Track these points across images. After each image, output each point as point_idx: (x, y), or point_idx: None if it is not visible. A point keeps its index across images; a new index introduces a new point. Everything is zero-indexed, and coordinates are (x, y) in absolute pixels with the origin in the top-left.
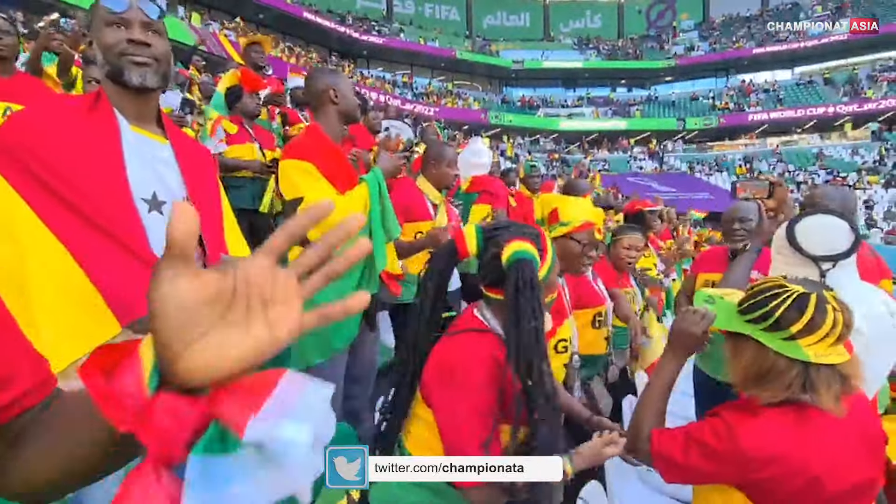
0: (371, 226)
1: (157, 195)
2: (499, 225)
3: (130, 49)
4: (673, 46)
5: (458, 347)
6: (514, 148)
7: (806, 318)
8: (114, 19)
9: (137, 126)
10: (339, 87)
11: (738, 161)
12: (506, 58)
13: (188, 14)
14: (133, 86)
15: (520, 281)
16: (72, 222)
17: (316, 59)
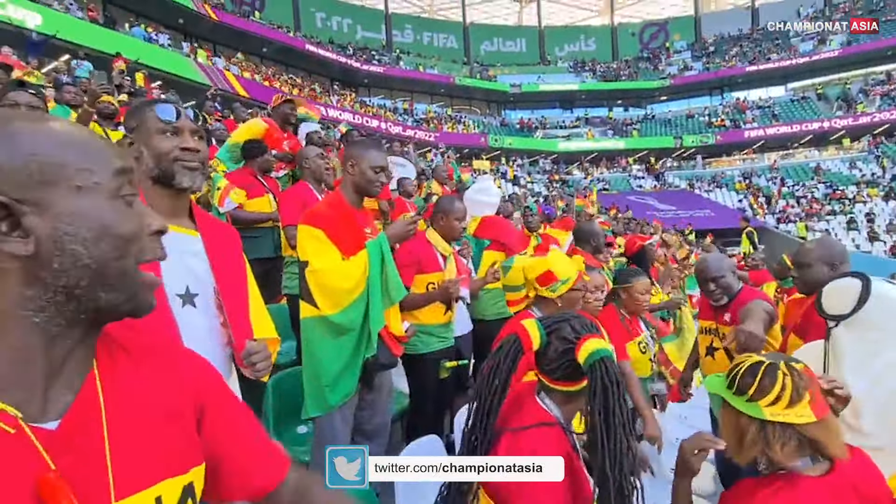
0: (369, 290)
1: (189, 289)
2: (557, 318)
3: (183, 155)
4: (667, 67)
5: (530, 446)
6: (514, 170)
7: (756, 383)
8: (167, 128)
9: (170, 223)
10: (359, 162)
11: (738, 177)
12: (503, 82)
13: (193, 50)
14: (182, 188)
15: (606, 380)
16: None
17: (319, 89)
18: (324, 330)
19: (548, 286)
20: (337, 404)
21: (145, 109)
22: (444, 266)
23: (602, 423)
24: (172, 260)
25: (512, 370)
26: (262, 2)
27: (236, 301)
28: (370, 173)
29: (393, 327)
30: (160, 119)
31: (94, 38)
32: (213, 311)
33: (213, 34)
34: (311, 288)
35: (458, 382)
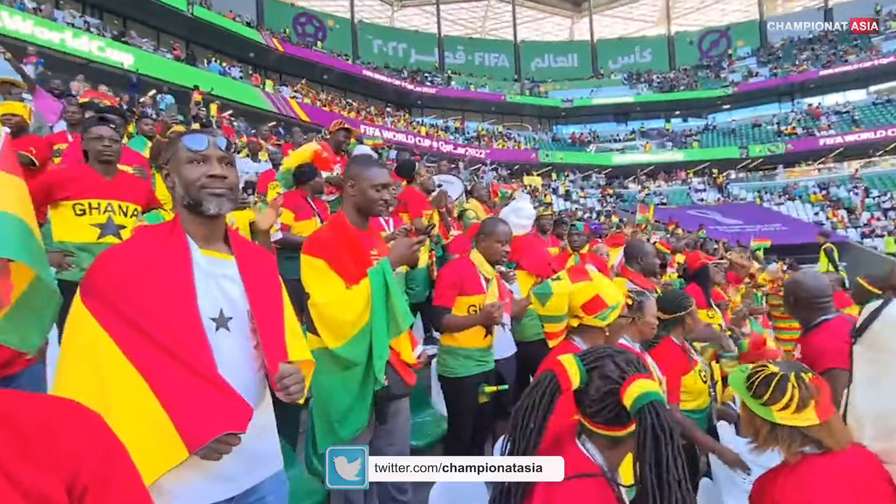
0: (372, 320)
1: (223, 312)
2: (598, 353)
3: (210, 182)
4: (729, 74)
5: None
6: (566, 185)
7: (770, 391)
8: (195, 157)
9: (207, 248)
10: (359, 181)
11: (812, 188)
12: (554, 98)
13: (262, 81)
14: (210, 214)
15: (657, 429)
16: (147, 349)
17: (374, 111)
18: (329, 363)
19: (597, 314)
20: (348, 438)
21: (177, 141)
22: (486, 289)
23: (654, 478)
24: (207, 284)
25: (548, 412)
26: (324, 33)
27: (271, 324)
28: (371, 192)
29: (405, 355)
30: (189, 149)
31: (176, 74)
32: (246, 335)
33: (280, 65)
34: (315, 320)
35: (500, 407)
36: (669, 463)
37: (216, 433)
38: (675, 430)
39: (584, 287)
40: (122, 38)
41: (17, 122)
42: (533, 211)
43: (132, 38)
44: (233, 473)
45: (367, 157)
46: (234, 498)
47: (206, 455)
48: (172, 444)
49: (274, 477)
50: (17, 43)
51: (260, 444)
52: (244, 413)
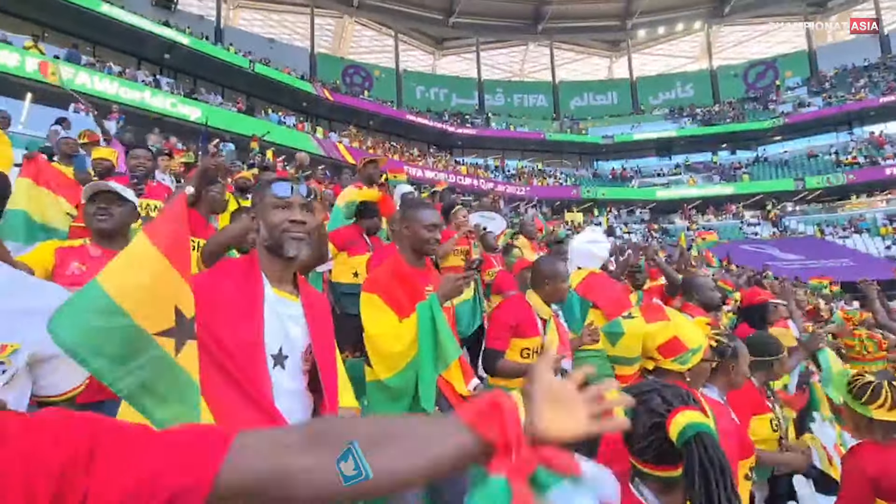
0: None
1: (282, 350)
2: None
3: (292, 227)
4: (779, 105)
5: None
6: (609, 219)
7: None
8: (280, 203)
9: (278, 287)
10: (412, 223)
11: (882, 220)
12: (595, 134)
13: (313, 128)
14: (289, 257)
15: (706, 463)
16: (216, 375)
17: (417, 153)
18: (381, 393)
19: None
20: None
21: (266, 187)
22: (542, 331)
23: None
24: (273, 321)
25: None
26: (370, 82)
27: (329, 366)
28: (424, 232)
29: (458, 387)
30: (275, 195)
31: (238, 125)
32: (299, 375)
33: (330, 113)
34: (369, 353)
35: None
36: (721, 499)
37: None
38: (726, 465)
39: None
40: (192, 94)
41: (107, 166)
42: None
43: (201, 94)
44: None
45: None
46: None
47: None
48: None
49: None
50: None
51: None
52: None
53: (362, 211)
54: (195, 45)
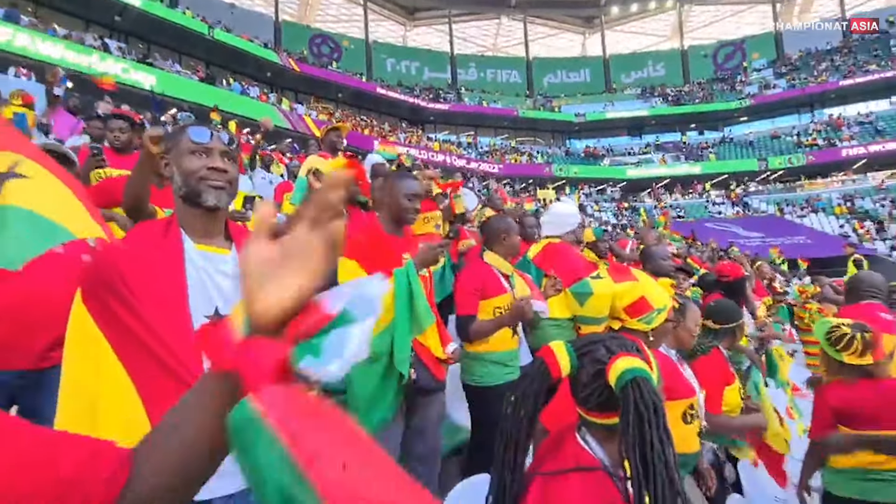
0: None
1: (219, 310)
2: (591, 339)
3: (210, 175)
4: (745, 87)
5: (564, 496)
6: (580, 198)
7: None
8: (197, 149)
9: (202, 242)
10: (394, 192)
11: (837, 200)
12: (567, 112)
13: (279, 99)
14: (208, 206)
15: (640, 405)
16: (138, 355)
17: (388, 128)
18: None
19: (641, 317)
20: (373, 428)
21: (181, 132)
22: (508, 287)
23: (638, 459)
24: (200, 280)
25: (539, 399)
26: (339, 53)
27: None
28: (404, 201)
29: (435, 350)
30: (192, 140)
31: (197, 94)
32: None
33: (296, 84)
34: None
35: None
36: (654, 441)
37: None
38: (660, 407)
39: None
40: (146, 60)
41: None
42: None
43: (156, 60)
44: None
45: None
46: (234, 495)
47: None
48: None
49: None
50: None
51: None
52: None
53: None
54: (148, 8)
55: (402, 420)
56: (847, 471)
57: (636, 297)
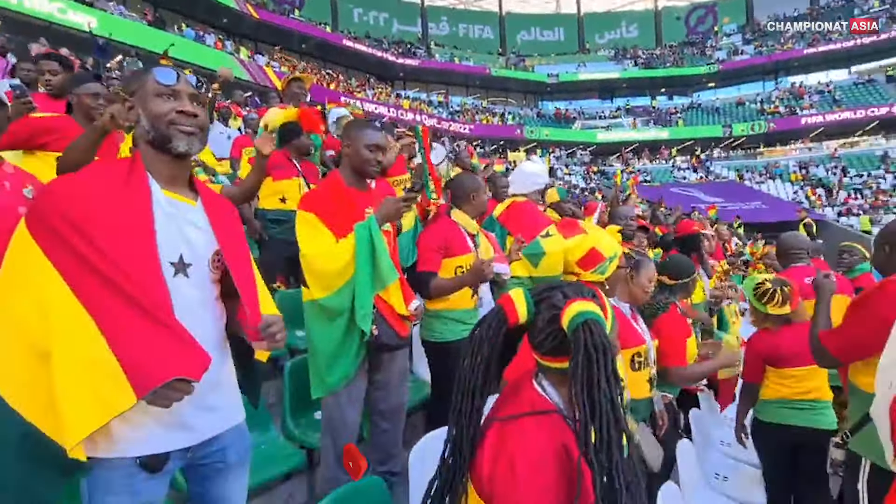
0: (357, 274)
1: (183, 258)
2: (549, 286)
3: (180, 119)
4: (715, 52)
5: (519, 438)
6: (550, 161)
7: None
8: (164, 91)
9: (169, 189)
10: (354, 141)
11: (793, 167)
12: (540, 72)
13: (236, 48)
14: (178, 153)
15: (589, 346)
16: (100, 290)
17: (356, 83)
18: (317, 314)
19: (594, 268)
20: (336, 386)
21: (146, 74)
22: (473, 247)
23: (585, 397)
24: (167, 226)
25: (495, 344)
26: (301, 0)
27: (244, 273)
28: (365, 152)
29: (397, 307)
30: (158, 82)
31: (145, 39)
32: (207, 285)
33: (255, 32)
34: (305, 272)
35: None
36: (601, 381)
37: (165, 378)
38: (609, 349)
39: (579, 241)
40: None
41: None
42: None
43: None
44: (190, 422)
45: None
46: (192, 448)
47: (154, 401)
48: (120, 388)
49: (235, 429)
50: None
51: (219, 397)
52: (200, 360)
53: (285, 132)
54: None
55: (364, 377)
56: (772, 402)
57: (587, 249)
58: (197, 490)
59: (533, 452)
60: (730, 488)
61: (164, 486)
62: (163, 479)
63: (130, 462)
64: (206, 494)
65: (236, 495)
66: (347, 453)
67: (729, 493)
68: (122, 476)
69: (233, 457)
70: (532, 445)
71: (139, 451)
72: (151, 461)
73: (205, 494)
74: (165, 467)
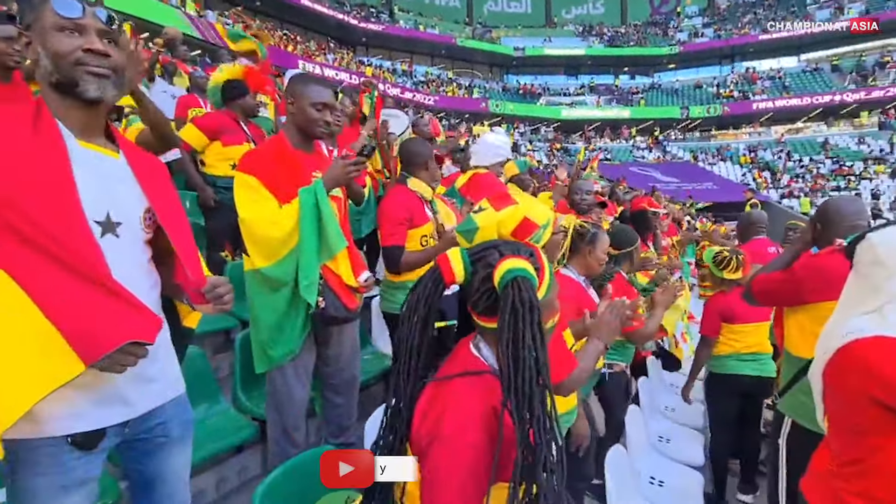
0: (302, 243)
1: (111, 216)
2: (488, 245)
3: (88, 59)
4: (677, 33)
5: (450, 398)
6: (514, 136)
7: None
8: (67, 25)
9: (85, 141)
10: (299, 99)
11: (743, 150)
12: (507, 45)
13: (181, 1)
14: (89, 98)
15: (516, 302)
16: (25, 256)
17: (314, 47)
18: (259, 284)
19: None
20: (280, 360)
21: (42, 4)
22: (431, 214)
23: (510, 354)
24: (88, 181)
25: (433, 305)
26: None
27: (179, 230)
28: (312, 111)
29: (346, 278)
30: (57, 13)
31: None
32: (139, 246)
33: None
34: (245, 239)
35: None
36: (526, 337)
37: (118, 342)
38: (536, 305)
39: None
40: None
41: None
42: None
43: None
44: (126, 396)
45: (308, 74)
46: (130, 422)
47: (107, 368)
48: (63, 358)
49: (175, 401)
50: None
51: (158, 368)
52: (152, 322)
53: (227, 91)
54: None
55: (312, 350)
56: (725, 356)
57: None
58: (136, 467)
59: (461, 411)
60: (672, 450)
61: (100, 463)
62: (98, 457)
63: (61, 440)
64: (146, 471)
65: (178, 471)
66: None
67: (671, 454)
68: (50, 455)
69: (175, 431)
70: (461, 405)
71: (69, 429)
72: (84, 439)
73: (144, 471)
74: (101, 444)
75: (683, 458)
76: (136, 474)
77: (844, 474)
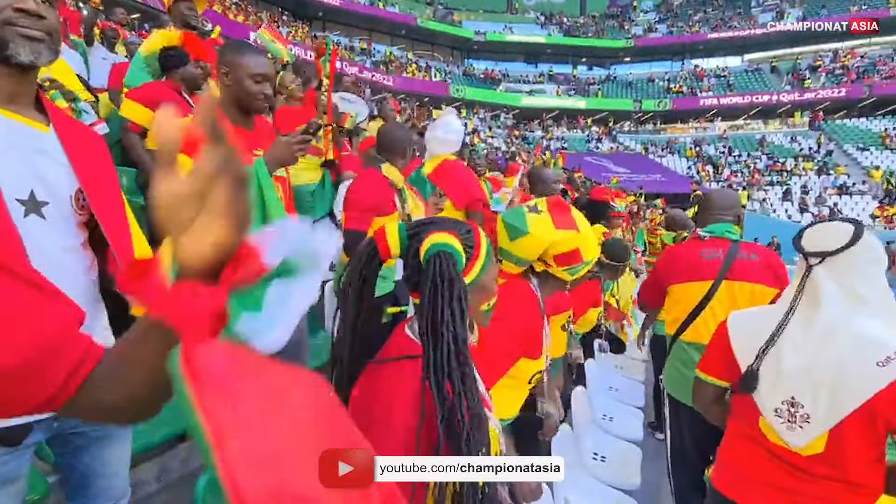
0: None
1: (35, 195)
2: (427, 220)
3: (18, 19)
4: (633, 27)
5: (381, 382)
6: (474, 123)
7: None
8: None
9: (10, 111)
10: (234, 70)
11: (689, 144)
12: (468, 28)
13: None
14: (20, 63)
15: (436, 276)
16: None
17: (267, 18)
18: None
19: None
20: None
21: None
22: (399, 204)
23: (429, 329)
24: (9, 156)
25: (368, 277)
26: None
27: (114, 217)
28: (249, 83)
29: None
30: None
31: None
32: (70, 229)
33: None
34: None
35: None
36: (444, 313)
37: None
38: (457, 280)
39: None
40: None
41: None
42: (460, 126)
43: None
44: None
45: (243, 42)
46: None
47: None
48: None
49: None
50: None
51: None
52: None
53: (167, 58)
54: None
55: None
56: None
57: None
58: (69, 462)
59: (392, 395)
60: (615, 427)
61: (27, 461)
62: (24, 454)
63: None
64: (80, 465)
65: (114, 465)
66: None
67: (614, 431)
68: None
69: None
70: (393, 389)
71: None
72: (8, 434)
73: (77, 465)
74: (26, 440)
75: (625, 434)
76: (68, 469)
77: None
